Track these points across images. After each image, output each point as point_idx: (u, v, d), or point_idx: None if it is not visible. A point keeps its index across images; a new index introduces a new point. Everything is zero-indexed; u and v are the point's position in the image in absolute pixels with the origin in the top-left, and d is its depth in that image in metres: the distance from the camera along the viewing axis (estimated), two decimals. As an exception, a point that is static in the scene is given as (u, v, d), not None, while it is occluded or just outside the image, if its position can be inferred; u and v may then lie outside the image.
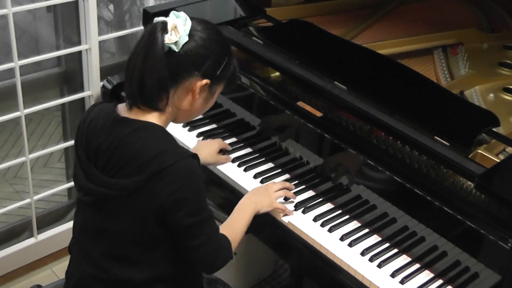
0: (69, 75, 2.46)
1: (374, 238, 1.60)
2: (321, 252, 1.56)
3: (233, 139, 1.90)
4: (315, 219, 1.63)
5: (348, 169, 1.66)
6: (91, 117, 1.44)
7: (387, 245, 1.58)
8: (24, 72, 2.29)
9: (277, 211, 1.64)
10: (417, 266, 1.53)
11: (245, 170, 1.78)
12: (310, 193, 1.72)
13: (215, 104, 1.58)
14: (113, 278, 1.44)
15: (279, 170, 1.79)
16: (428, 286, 1.49)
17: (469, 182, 1.48)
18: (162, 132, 1.40)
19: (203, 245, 1.40)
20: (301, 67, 1.80)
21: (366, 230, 1.61)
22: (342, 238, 1.58)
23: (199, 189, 1.38)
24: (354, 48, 1.91)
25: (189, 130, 1.93)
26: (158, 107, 1.39)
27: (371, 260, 1.53)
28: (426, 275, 1.51)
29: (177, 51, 1.35)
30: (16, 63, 2.14)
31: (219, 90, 1.47)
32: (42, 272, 2.53)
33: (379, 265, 1.52)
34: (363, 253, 1.54)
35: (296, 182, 1.74)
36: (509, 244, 1.36)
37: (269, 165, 1.81)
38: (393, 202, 1.57)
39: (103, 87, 2.09)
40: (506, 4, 2.30)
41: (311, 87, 1.75)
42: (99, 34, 2.31)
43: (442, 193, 1.47)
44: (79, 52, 2.35)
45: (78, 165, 1.43)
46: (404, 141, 1.59)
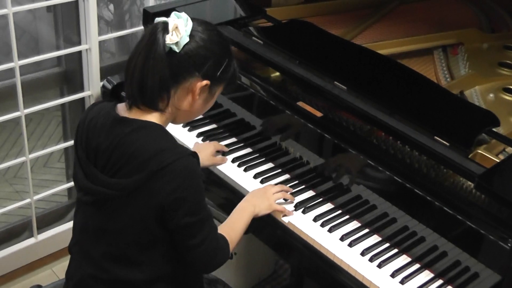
0: (69, 75, 2.46)
1: (374, 238, 1.60)
2: (321, 252, 1.56)
3: (233, 139, 1.90)
4: (315, 219, 1.63)
5: (348, 169, 1.66)
6: (91, 117, 1.43)
7: (387, 245, 1.58)
8: (24, 72, 2.29)
9: (277, 212, 1.64)
10: (417, 266, 1.53)
11: (245, 170, 1.78)
12: (310, 193, 1.72)
13: (215, 104, 1.58)
14: (113, 278, 1.44)
15: (279, 170, 1.79)
16: (428, 286, 1.49)
17: (469, 182, 1.48)
18: (162, 131, 1.39)
19: (202, 244, 1.40)
20: (301, 67, 1.80)
21: (366, 230, 1.61)
22: (342, 238, 1.58)
23: (199, 188, 1.38)
24: (354, 48, 1.91)
25: (189, 130, 1.93)
26: (158, 108, 1.39)
27: (371, 260, 1.53)
28: (426, 275, 1.51)
29: (178, 52, 1.35)
30: (16, 63, 2.14)
31: (219, 91, 1.47)
32: (42, 272, 2.53)
33: (379, 265, 1.52)
34: (363, 253, 1.54)
35: (296, 182, 1.74)
36: (509, 244, 1.36)
37: (269, 165, 1.81)
38: (393, 202, 1.57)
39: (103, 87, 2.09)
40: (506, 4, 2.30)
41: (311, 87, 1.75)
42: (99, 34, 2.31)
43: (442, 193, 1.47)
44: (79, 52, 2.35)
45: (78, 165, 1.43)
46: (404, 141, 1.59)
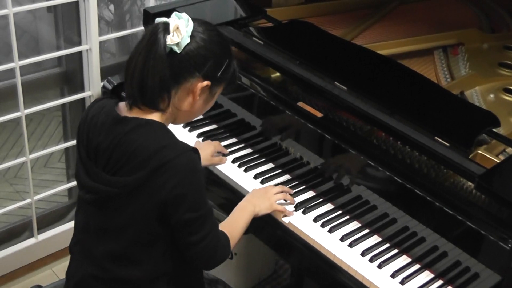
0: (70, 75, 2.46)
1: (375, 239, 1.60)
2: (322, 253, 1.56)
3: (234, 140, 1.90)
4: (316, 220, 1.63)
5: (349, 170, 1.66)
6: (92, 114, 1.43)
7: (387, 246, 1.58)
8: (25, 72, 2.29)
9: (278, 212, 1.64)
10: (417, 267, 1.53)
11: (246, 171, 1.78)
12: (311, 194, 1.72)
13: (216, 105, 1.58)
14: (114, 278, 1.44)
15: (280, 171, 1.79)
16: (429, 287, 1.49)
17: (469, 183, 1.48)
18: (162, 129, 1.39)
19: (203, 241, 1.40)
20: (302, 68, 1.80)
21: (367, 231, 1.61)
22: (343, 239, 1.58)
23: (200, 184, 1.38)
24: (355, 49, 1.91)
25: (190, 131, 1.93)
26: (159, 108, 1.39)
27: (371, 261, 1.53)
28: (426, 276, 1.51)
29: (179, 52, 1.35)
30: (17, 63, 2.14)
31: (219, 92, 1.47)
32: (43, 272, 2.53)
33: (380, 266, 1.52)
34: (363, 254, 1.54)
35: (297, 183, 1.74)
36: (509, 245, 1.36)
37: (270, 166, 1.81)
38: (394, 203, 1.57)
39: (104, 87, 2.09)
40: (506, 4, 2.30)
41: (312, 88, 1.75)
42: (100, 34, 2.31)
43: (442, 194, 1.47)
44: (80, 52, 2.35)
45: (80, 163, 1.43)
46: (405, 142, 1.59)
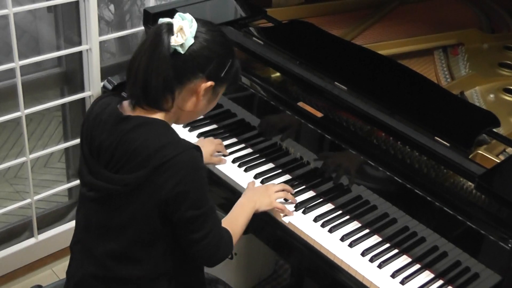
0: (70, 75, 2.46)
1: (375, 239, 1.60)
2: (322, 253, 1.56)
3: (234, 140, 1.90)
4: (316, 220, 1.63)
5: (349, 170, 1.66)
6: (96, 112, 1.44)
7: (388, 246, 1.58)
8: (25, 72, 2.29)
9: (278, 212, 1.64)
10: (418, 267, 1.53)
11: (246, 171, 1.78)
12: (311, 194, 1.72)
13: (216, 105, 1.58)
14: (115, 276, 1.44)
15: (280, 171, 1.79)
16: (429, 287, 1.49)
17: (469, 183, 1.48)
18: (164, 127, 1.40)
19: (206, 238, 1.41)
20: (302, 68, 1.80)
21: (367, 231, 1.61)
22: (343, 239, 1.58)
23: (202, 182, 1.38)
24: (355, 49, 1.91)
25: (190, 131, 1.93)
26: (162, 108, 1.39)
27: (372, 261, 1.53)
28: (427, 276, 1.51)
29: (183, 53, 1.35)
30: (17, 63, 2.14)
31: (222, 91, 1.48)
32: (43, 272, 2.53)
33: (380, 266, 1.52)
34: (364, 254, 1.54)
35: (297, 183, 1.74)
36: (509, 245, 1.36)
37: (270, 166, 1.81)
38: (394, 203, 1.57)
39: (104, 87, 2.09)
40: (506, 4, 2.30)
41: (312, 88, 1.76)
42: (100, 34, 2.31)
43: (443, 194, 1.47)
44: (80, 52, 2.35)
45: (83, 160, 1.44)
46: (405, 142, 1.59)
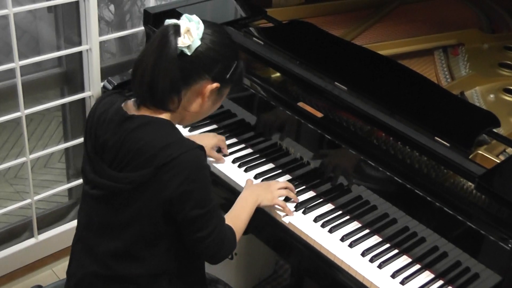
0: (70, 76, 2.46)
1: (375, 239, 1.60)
2: (322, 253, 1.56)
3: (234, 140, 1.90)
4: (316, 220, 1.63)
5: (349, 170, 1.66)
6: (100, 111, 1.44)
7: (388, 246, 1.58)
8: (25, 72, 2.29)
9: (278, 211, 1.64)
10: (418, 267, 1.53)
11: (246, 171, 1.78)
12: (311, 194, 1.72)
13: (216, 105, 1.59)
14: (116, 275, 1.45)
15: (280, 171, 1.79)
16: (429, 287, 1.49)
17: (470, 183, 1.48)
18: (168, 126, 1.40)
19: (210, 237, 1.41)
20: (302, 68, 1.80)
21: (367, 231, 1.61)
22: (343, 239, 1.58)
23: (206, 181, 1.39)
24: (355, 49, 1.91)
25: (190, 131, 1.93)
26: (168, 108, 1.40)
27: (372, 261, 1.53)
28: (427, 276, 1.51)
29: (189, 54, 1.37)
30: (17, 63, 2.14)
31: (227, 93, 1.49)
32: (43, 273, 2.53)
33: (380, 266, 1.52)
34: (364, 254, 1.54)
35: (297, 183, 1.74)
36: (510, 245, 1.36)
37: (270, 166, 1.81)
38: (394, 203, 1.57)
39: (104, 88, 2.09)
40: (506, 4, 2.30)
41: (312, 88, 1.76)
42: (100, 35, 2.31)
43: (443, 194, 1.47)
44: (80, 53, 2.35)
45: (86, 158, 1.45)
46: (405, 142, 1.59)
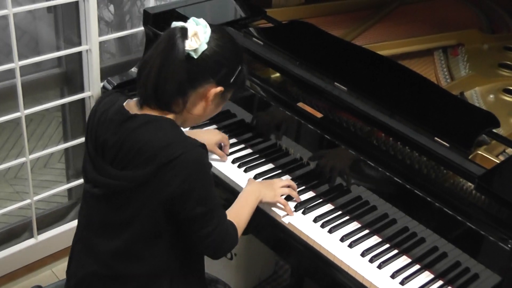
0: (70, 76, 2.46)
1: (374, 239, 1.60)
2: (321, 253, 1.56)
3: (234, 140, 1.90)
4: (315, 220, 1.63)
5: (349, 170, 1.66)
6: (101, 110, 1.45)
7: (387, 246, 1.58)
8: (25, 73, 2.29)
9: (278, 211, 1.64)
10: (417, 267, 1.53)
11: (246, 171, 1.78)
12: (310, 194, 1.72)
13: (216, 105, 1.59)
14: (116, 274, 1.45)
15: (280, 171, 1.79)
16: (428, 287, 1.49)
17: (469, 183, 1.48)
18: (170, 125, 1.41)
19: (212, 234, 1.42)
20: (302, 68, 1.80)
21: (366, 231, 1.61)
22: (342, 239, 1.58)
23: (208, 179, 1.40)
24: (355, 49, 1.91)
25: (191, 128, 1.93)
26: (172, 110, 1.41)
27: (371, 261, 1.53)
28: (426, 276, 1.51)
29: (195, 58, 1.37)
30: (17, 64, 2.14)
31: (229, 97, 1.50)
32: (42, 273, 2.53)
33: (379, 266, 1.52)
34: (363, 254, 1.54)
35: (297, 183, 1.74)
36: (509, 245, 1.36)
37: (270, 166, 1.81)
38: (393, 203, 1.57)
39: (104, 88, 2.09)
40: (506, 5, 2.30)
41: (312, 88, 1.76)
42: (100, 35, 2.31)
43: (442, 194, 1.47)
44: (80, 53, 2.35)
45: (87, 157, 1.45)
46: (405, 142, 1.59)
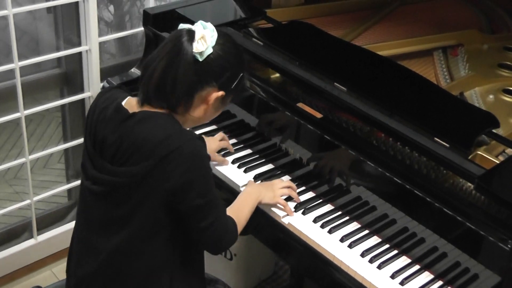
0: (69, 76, 2.46)
1: (374, 240, 1.60)
2: (321, 254, 1.56)
3: (234, 140, 1.90)
4: (315, 220, 1.63)
5: (348, 170, 1.66)
6: (101, 107, 1.45)
7: (387, 246, 1.58)
8: (24, 73, 2.29)
9: (277, 212, 1.64)
10: (417, 267, 1.53)
11: (245, 172, 1.78)
12: (310, 194, 1.72)
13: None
14: (117, 272, 1.45)
15: (280, 172, 1.79)
16: (428, 287, 1.49)
17: (469, 183, 1.49)
18: (168, 118, 1.41)
19: (212, 226, 1.42)
20: (301, 68, 1.80)
21: (366, 232, 1.61)
22: (342, 240, 1.58)
23: (206, 170, 1.41)
24: (354, 50, 1.91)
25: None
26: (175, 111, 1.42)
27: (371, 262, 1.53)
28: (426, 276, 1.51)
29: (201, 61, 1.38)
30: (16, 64, 2.14)
31: (229, 101, 1.51)
32: (42, 273, 2.53)
33: (379, 266, 1.52)
34: (363, 254, 1.54)
35: (296, 184, 1.74)
36: (509, 245, 1.36)
37: (269, 166, 1.81)
38: (393, 203, 1.57)
39: (103, 88, 2.09)
40: (506, 5, 2.30)
41: (311, 88, 1.76)
42: (99, 35, 2.31)
43: (442, 194, 1.47)
44: (79, 53, 2.35)
45: (86, 154, 1.45)
46: (404, 142, 1.59)
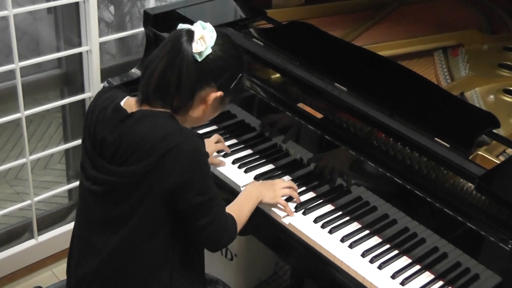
0: (70, 77, 2.46)
1: (375, 240, 1.60)
2: (322, 254, 1.56)
3: (234, 141, 1.90)
4: (316, 221, 1.63)
5: (349, 171, 1.66)
6: (101, 106, 1.45)
7: (388, 247, 1.58)
8: (25, 74, 2.29)
9: (278, 212, 1.64)
10: (418, 268, 1.53)
11: (246, 172, 1.78)
12: (311, 195, 1.72)
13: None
14: (117, 271, 1.45)
15: (280, 172, 1.79)
16: (429, 288, 1.49)
17: (470, 184, 1.48)
18: (166, 117, 1.41)
19: (212, 224, 1.43)
20: (302, 69, 1.80)
21: (367, 232, 1.61)
22: (343, 240, 1.58)
23: (206, 168, 1.41)
24: (355, 50, 1.91)
25: (190, 132, 1.93)
26: (175, 110, 1.42)
27: (372, 262, 1.53)
28: (427, 277, 1.51)
29: (199, 61, 1.38)
30: (17, 65, 2.14)
31: (228, 102, 1.51)
32: (43, 274, 2.53)
33: (380, 267, 1.52)
34: (364, 255, 1.54)
35: (297, 184, 1.74)
36: (510, 246, 1.36)
37: (270, 167, 1.81)
38: (394, 204, 1.57)
39: (103, 88, 2.08)
40: (506, 5, 2.30)
41: (312, 89, 1.76)
42: (100, 36, 2.31)
43: (443, 195, 1.47)
44: (80, 54, 2.35)
45: (85, 154, 1.45)
46: (405, 143, 1.59)
